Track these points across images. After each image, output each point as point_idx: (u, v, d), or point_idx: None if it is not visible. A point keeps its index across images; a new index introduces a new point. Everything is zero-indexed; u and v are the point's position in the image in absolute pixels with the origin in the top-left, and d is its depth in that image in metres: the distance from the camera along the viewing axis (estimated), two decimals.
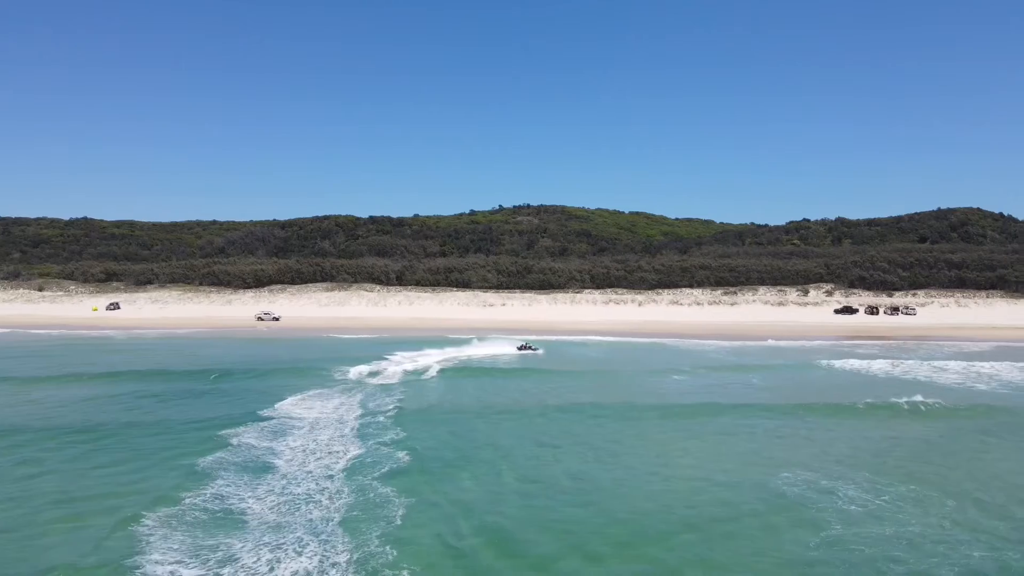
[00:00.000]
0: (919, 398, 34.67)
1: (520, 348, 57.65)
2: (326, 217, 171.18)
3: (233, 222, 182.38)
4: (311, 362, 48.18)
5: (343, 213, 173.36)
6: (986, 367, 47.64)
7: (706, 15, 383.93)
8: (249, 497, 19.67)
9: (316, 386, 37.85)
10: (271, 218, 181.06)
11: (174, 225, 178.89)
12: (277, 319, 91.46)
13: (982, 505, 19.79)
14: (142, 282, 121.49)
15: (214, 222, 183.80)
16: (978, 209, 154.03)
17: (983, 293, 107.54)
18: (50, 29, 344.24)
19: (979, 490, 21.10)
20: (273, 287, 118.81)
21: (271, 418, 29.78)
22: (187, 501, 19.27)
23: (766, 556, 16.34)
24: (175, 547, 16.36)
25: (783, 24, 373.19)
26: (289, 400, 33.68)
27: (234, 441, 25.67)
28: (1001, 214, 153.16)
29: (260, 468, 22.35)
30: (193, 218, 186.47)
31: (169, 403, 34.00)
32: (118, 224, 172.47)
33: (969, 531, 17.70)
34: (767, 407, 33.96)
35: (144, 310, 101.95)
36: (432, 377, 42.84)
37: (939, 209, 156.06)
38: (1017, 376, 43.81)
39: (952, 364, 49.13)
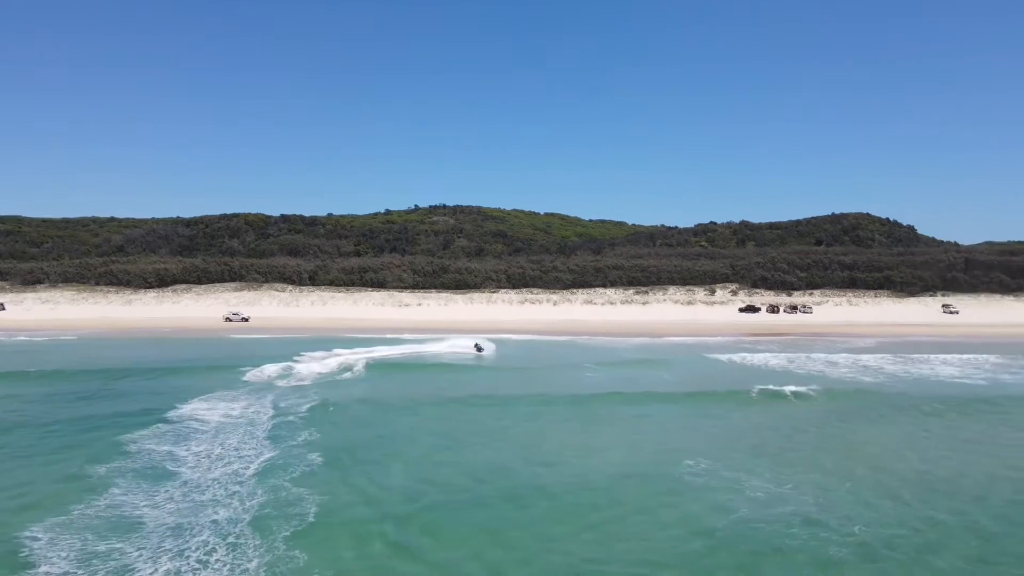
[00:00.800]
0: (807, 388, 37.26)
1: (477, 348, 56.85)
2: (235, 215, 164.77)
3: (133, 219, 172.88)
4: (219, 362, 46.44)
5: (253, 211, 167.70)
6: (871, 360, 51.18)
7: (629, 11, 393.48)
8: (147, 504, 18.78)
9: (224, 387, 36.46)
10: (175, 215, 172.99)
11: (66, 222, 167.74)
12: (247, 319, 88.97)
13: (864, 481, 21.26)
14: (31, 281, 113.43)
15: (112, 219, 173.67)
16: (867, 214, 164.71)
17: (872, 293, 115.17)
18: None
19: (861, 467, 22.72)
20: (177, 287, 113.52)
21: (174, 421, 28.52)
22: (77, 510, 18.19)
23: (656, 530, 17.05)
24: (63, 556, 15.46)
25: (692, 22, 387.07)
26: (194, 402, 32.31)
27: (132, 447, 24.44)
28: (887, 219, 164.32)
29: (162, 474, 21.39)
30: (88, 214, 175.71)
31: (60, 406, 31.96)
32: (3, 219, 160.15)
33: (855, 506, 18.97)
34: (672, 398, 35.82)
35: (33, 311, 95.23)
36: (347, 377, 42.14)
37: (833, 214, 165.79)
38: (899, 368, 47.30)
39: (842, 357, 52.50)
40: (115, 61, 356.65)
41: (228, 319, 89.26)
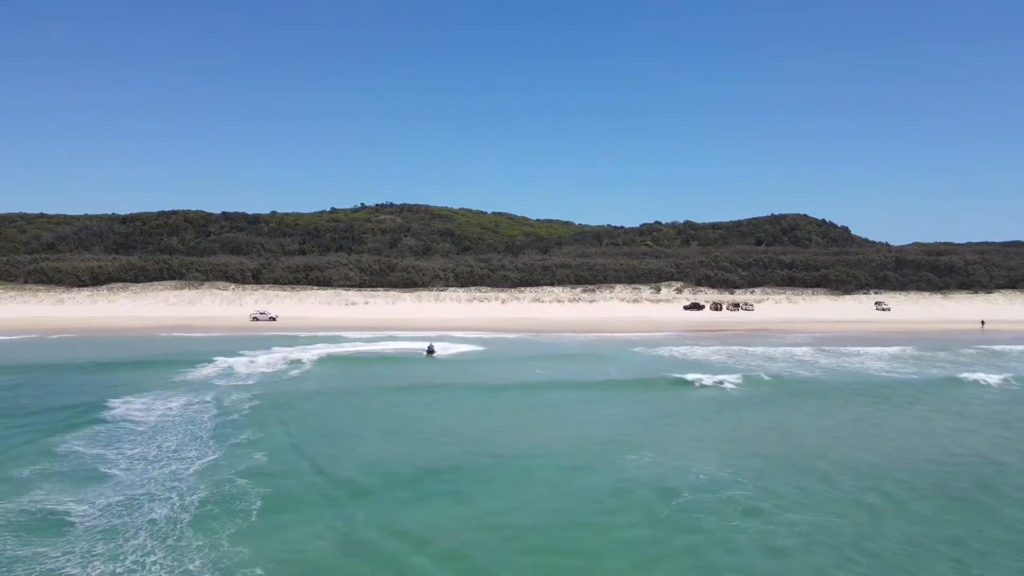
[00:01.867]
0: (746, 378, 38.99)
1: (429, 352, 51.45)
2: (174, 212, 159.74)
3: (64, 216, 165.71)
4: (156, 361, 44.96)
5: (193, 208, 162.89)
6: (808, 354, 53.11)
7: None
8: (74, 502, 17.98)
9: (161, 386, 35.28)
10: (110, 212, 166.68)
11: None
12: (274, 319, 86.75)
13: (797, 466, 21.91)
14: None
15: (41, 215, 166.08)
16: (805, 215, 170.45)
17: (809, 291, 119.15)
18: None
19: (796, 453, 23.37)
20: (113, 285, 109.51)
21: (108, 421, 27.35)
22: None
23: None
24: None
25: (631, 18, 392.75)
26: (130, 400, 31.17)
27: (61, 448, 23.35)
28: (823, 220, 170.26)
29: (94, 476, 20.53)
30: (16, 210, 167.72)
31: None
32: None
33: (781, 496, 19.51)
34: (619, 386, 36.88)
35: None
36: (293, 374, 41.28)
37: (772, 215, 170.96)
38: (832, 361, 49.16)
39: (780, 351, 54.15)
40: (39, 48, 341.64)
41: (255, 318, 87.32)
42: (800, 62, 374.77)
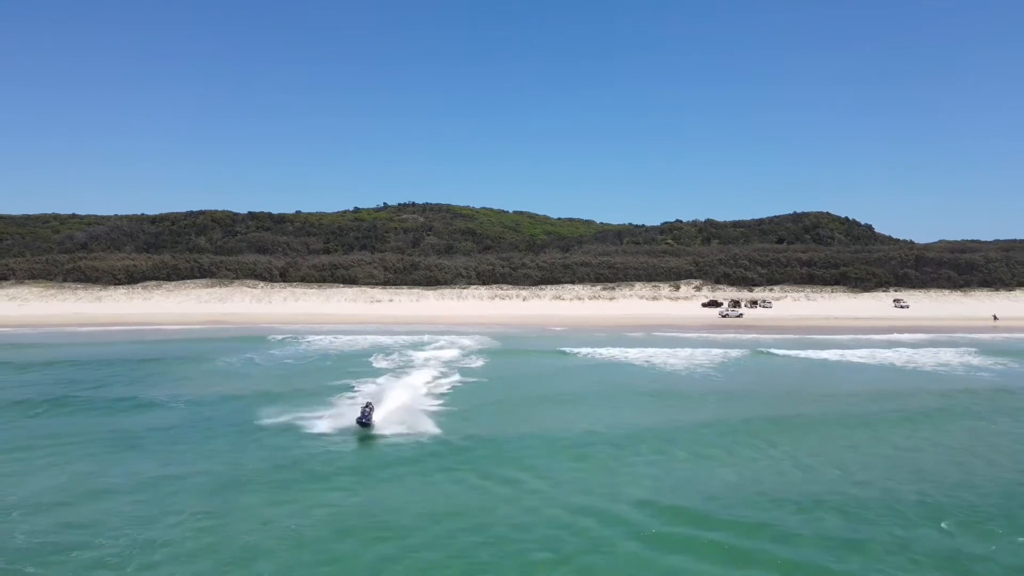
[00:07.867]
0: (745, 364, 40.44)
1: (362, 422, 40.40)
2: (201, 212, 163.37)
3: (95, 216, 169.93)
4: (206, 353, 47.63)
5: (219, 208, 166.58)
6: (819, 349, 54.53)
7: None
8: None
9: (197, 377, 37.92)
10: (139, 212, 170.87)
11: (26, 218, 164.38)
12: (740, 315, 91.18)
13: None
14: None
15: (73, 215, 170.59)
16: (827, 213, 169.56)
17: (829, 288, 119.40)
18: None
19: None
20: (147, 283, 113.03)
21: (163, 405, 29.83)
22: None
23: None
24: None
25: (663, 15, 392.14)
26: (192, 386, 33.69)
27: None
28: (846, 218, 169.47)
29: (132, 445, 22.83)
30: (49, 211, 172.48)
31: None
32: None
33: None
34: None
35: (1, 308, 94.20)
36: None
37: (795, 213, 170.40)
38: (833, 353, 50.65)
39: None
40: (71, 48, 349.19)
41: (724, 315, 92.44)
42: (823, 61, 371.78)
